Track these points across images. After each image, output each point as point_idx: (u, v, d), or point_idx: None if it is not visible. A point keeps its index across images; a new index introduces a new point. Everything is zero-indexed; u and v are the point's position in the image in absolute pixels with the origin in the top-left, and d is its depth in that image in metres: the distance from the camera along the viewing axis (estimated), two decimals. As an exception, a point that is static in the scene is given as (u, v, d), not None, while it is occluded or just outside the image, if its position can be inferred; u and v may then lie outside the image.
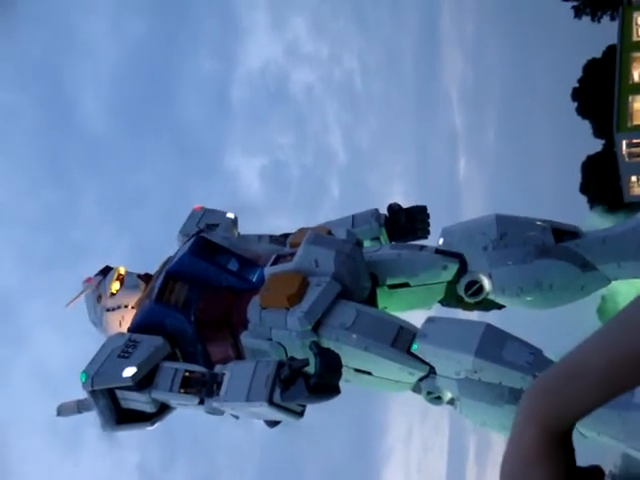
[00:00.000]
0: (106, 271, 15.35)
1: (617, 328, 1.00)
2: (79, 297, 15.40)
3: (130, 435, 13.21)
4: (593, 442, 10.75)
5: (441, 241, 13.98)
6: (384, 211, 15.89)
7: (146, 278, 14.64)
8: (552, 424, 1.04)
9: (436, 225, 15.71)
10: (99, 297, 14.99)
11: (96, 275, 15.49)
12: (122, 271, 15.09)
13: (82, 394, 12.50)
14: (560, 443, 1.04)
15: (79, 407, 13.24)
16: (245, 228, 15.97)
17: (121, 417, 12.50)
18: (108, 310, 14.60)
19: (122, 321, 14.10)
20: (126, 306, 14.33)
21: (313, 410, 11.02)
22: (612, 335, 1.01)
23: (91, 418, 12.72)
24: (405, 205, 16.12)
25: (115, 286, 14.78)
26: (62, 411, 13.53)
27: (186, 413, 12.77)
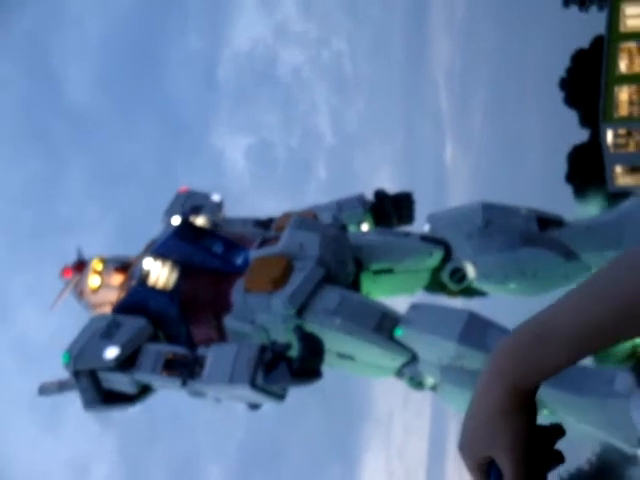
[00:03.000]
0: (81, 266, 15.17)
1: (589, 291, 1.01)
2: (61, 298, 15.30)
3: (111, 413, 13.22)
4: (573, 430, 10.85)
5: (427, 227, 14.02)
6: (370, 196, 15.88)
7: (123, 268, 14.54)
8: (518, 384, 1.06)
9: (422, 210, 15.75)
10: (80, 293, 14.91)
11: (73, 268, 15.27)
12: (99, 265, 14.89)
13: (63, 370, 12.45)
14: (524, 402, 1.07)
15: (61, 387, 13.21)
16: (230, 209, 15.89)
17: (103, 397, 12.50)
18: (93, 307, 14.57)
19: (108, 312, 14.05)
20: (110, 302, 14.24)
21: (295, 393, 11.06)
22: (583, 298, 1.02)
23: (73, 397, 12.72)
24: (391, 190, 16.14)
25: (94, 282, 14.64)
26: (44, 391, 13.50)
27: (168, 393, 12.77)
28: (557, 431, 1.11)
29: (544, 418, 10.98)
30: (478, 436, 1.09)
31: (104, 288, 14.54)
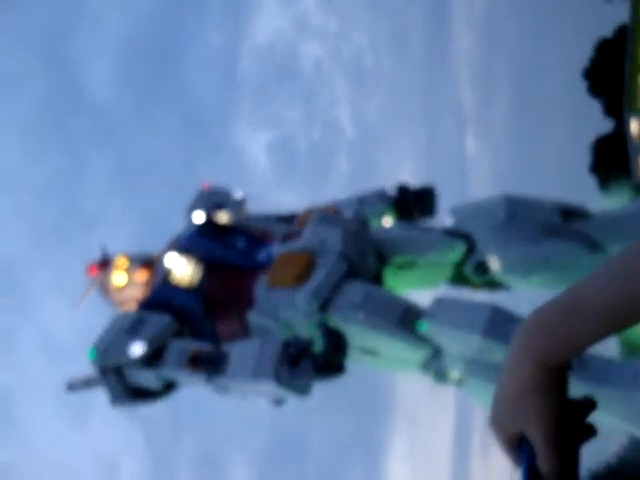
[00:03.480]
0: (105, 263, 15.26)
1: (620, 267, 1.01)
2: (87, 295, 15.42)
3: (137, 409, 13.32)
4: (600, 423, 10.77)
5: (450, 221, 13.97)
6: (392, 190, 15.85)
7: (148, 264, 14.62)
8: (546, 360, 1.06)
9: (444, 203, 15.69)
10: (106, 291, 15.03)
11: (98, 266, 15.36)
12: (123, 262, 14.98)
13: (89, 365, 12.57)
14: (554, 378, 1.07)
15: (88, 383, 13.34)
16: (252, 204, 15.92)
17: (129, 392, 12.62)
18: (119, 304, 14.67)
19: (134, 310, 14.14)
20: (135, 299, 14.33)
21: (319, 387, 11.08)
22: (614, 274, 1.02)
23: (100, 392, 12.84)
24: (413, 184, 16.10)
25: (119, 280, 14.72)
26: (71, 387, 13.64)
27: (193, 388, 12.85)
28: (589, 405, 1.11)
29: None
30: (508, 412, 1.11)
31: (129, 285, 14.64)
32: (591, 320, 1.04)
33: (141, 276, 14.60)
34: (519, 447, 1.08)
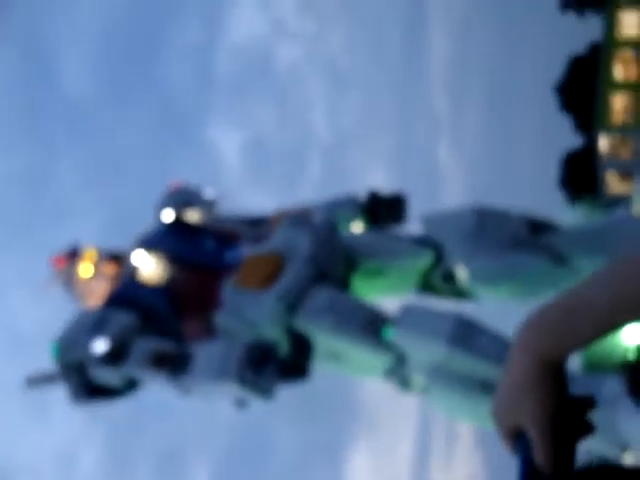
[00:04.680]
0: (73, 254, 15.14)
1: (622, 267, 1.06)
2: (52, 282, 15.24)
3: (98, 406, 13.20)
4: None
5: (420, 229, 14.02)
6: (364, 195, 15.87)
7: (116, 259, 14.50)
8: (546, 356, 1.10)
9: (415, 209, 15.75)
10: (71, 282, 14.87)
11: (64, 258, 15.24)
12: (92, 254, 14.86)
13: (50, 360, 12.41)
14: (553, 373, 1.10)
15: (48, 379, 13.17)
16: (222, 203, 15.84)
17: (91, 390, 12.48)
18: (82, 296, 14.52)
19: (97, 304, 14.01)
20: (100, 292, 14.20)
21: (283, 390, 11.06)
22: (616, 273, 1.06)
23: (60, 387, 12.68)
24: (385, 189, 16.15)
25: (86, 272, 14.59)
26: (31, 383, 13.46)
27: (156, 386, 12.75)
28: (588, 402, 1.15)
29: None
30: (507, 406, 1.14)
31: (96, 277, 14.49)
32: (590, 318, 1.08)
33: (108, 269, 14.46)
34: (517, 440, 1.12)
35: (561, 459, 1.08)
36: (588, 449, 10.94)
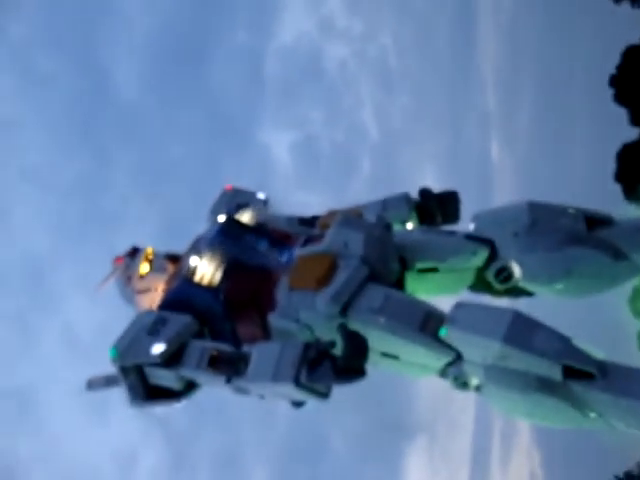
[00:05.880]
0: (134, 252, 15.48)
1: None
2: (109, 279, 15.55)
3: (157, 409, 13.36)
4: (622, 434, 10.67)
5: (472, 226, 13.89)
6: (415, 194, 15.80)
7: (174, 259, 14.72)
8: None
9: (467, 208, 15.61)
10: (129, 278, 15.13)
11: (125, 256, 15.61)
12: (150, 252, 15.20)
13: (109, 361, 12.62)
14: None
15: (108, 382, 13.39)
16: (275, 205, 15.96)
17: (149, 393, 12.65)
18: (138, 293, 14.73)
19: (152, 303, 14.22)
20: (156, 289, 14.43)
21: (339, 390, 11.05)
22: None
23: (120, 390, 12.89)
24: (436, 188, 16.02)
25: (144, 268, 14.87)
26: (91, 385, 13.71)
27: (213, 388, 12.86)
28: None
29: (591, 422, 10.83)
30: None
31: (152, 273, 14.71)
32: None
33: (167, 267, 14.69)
34: None
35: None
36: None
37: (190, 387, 12.61)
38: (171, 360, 12.11)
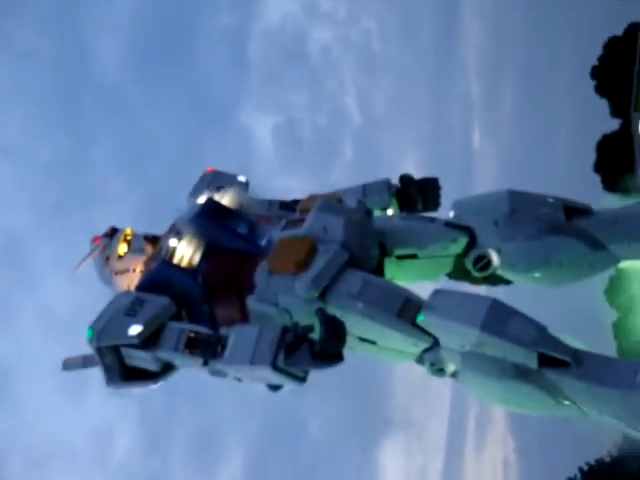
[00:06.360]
0: (113, 232, 15.41)
1: None
2: (87, 260, 15.47)
3: (134, 390, 13.33)
4: (595, 422, 10.79)
5: (452, 214, 13.93)
6: (395, 180, 15.81)
7: (153, 240, 14.66)
8: None
9: (447, 195, 15.66)
10: (107, 259, 15.06)
11: (103, 236, 15.54)
12: (129, 233, 15.13)
13: (86, 341, 12.55)
14: None
15: (84, 362, 13.35)
16: (256, 188, 15.90)
17: (126, 374, 12.61)
18: (117, 273, 14.68)
19: (130, 284, 14.17)
20: (134, 270, 14.39)
21: (317, 373, 11.07)
22: None
23: (96, 370, 12.84)
24: (417, 175, 16.05)
25: (122, 248, 14.82)
26: (67, 365, 13.66)
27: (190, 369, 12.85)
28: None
29: (565, 409, 10.94)
30: None
31: (131, 254, 14.67)
32: None
33: (145, 248, 14.64)
34: None
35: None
36: (627, 436, 10.84)
37: (167, 369, 12.59)
38: (148, 341, 12.08)
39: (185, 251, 13.38)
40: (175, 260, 13.33)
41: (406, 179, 15.78)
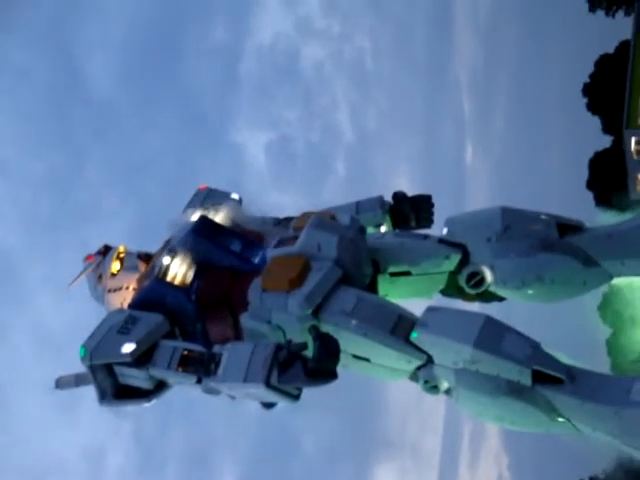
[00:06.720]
0: (106, 251, 15.40)
1: None
2: (80, 277, 15.44)
3: (127, 408, 13.28)
4: (589, 439, 10.77)
5: (445, 231, 13.96)
6: (389, 198, 15.84)
7: (146, 258, 14.65)
8: None
9: (440, 212, 15.70)
10: (100, 277, 15.04)
11: (96, 254, 15.52)
12: (122, 250, 15.13)
13: (79, 358, 12.51)
14: None
15: (77, 381, 13.29)
16: (249, 204, 15.91)
17: (119, 392, 12.56)
18: (109, 291, 14.66)
19: (123, 302, 14.14)
20: (127, 287, 14.36)
21: (310, 390, 11.05)
22: None
23: (89, 388, 12.79)
24: (410, 193, 16.09)
25: (115, 266, 14.80)
26: (60, 384, 13.59)
27: (183, 387, 12.81)
28: None
29: (559, 426, 10.92)
30: None
31: (124, 272, 14.66)
32: None
33: (138, 266, 14.62)
34: None
35: None
36: (622, 453, 10.83)
37: (160, 387, 12.55)
38: (141, 359, 12.04)
39: (178, 269, 13.36)
40: (168, 278, 13.31)
41: (399, 196, 15.82)
